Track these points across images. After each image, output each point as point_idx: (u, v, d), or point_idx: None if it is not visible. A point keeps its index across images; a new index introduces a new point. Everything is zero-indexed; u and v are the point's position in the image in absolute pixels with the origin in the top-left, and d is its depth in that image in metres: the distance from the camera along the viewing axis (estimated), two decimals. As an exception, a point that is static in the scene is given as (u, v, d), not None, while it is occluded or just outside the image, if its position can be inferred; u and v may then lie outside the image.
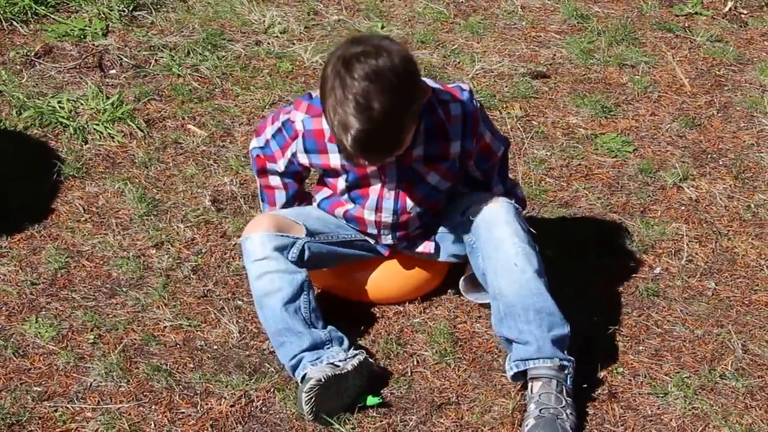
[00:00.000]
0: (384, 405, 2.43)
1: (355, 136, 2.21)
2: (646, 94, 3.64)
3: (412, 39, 3.90)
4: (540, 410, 2.32)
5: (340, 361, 2.40)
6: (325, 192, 2.61)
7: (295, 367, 2.42)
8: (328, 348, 2.43)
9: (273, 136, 2.56)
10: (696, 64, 3.83)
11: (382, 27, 3.96)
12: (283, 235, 2.49)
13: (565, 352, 2.41)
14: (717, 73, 3.78)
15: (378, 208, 2.54)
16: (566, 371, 2.39)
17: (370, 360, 2.47)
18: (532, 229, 2.52)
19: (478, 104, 2.51)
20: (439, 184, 2.52)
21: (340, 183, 2.54)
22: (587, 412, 2.44)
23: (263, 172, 2.64)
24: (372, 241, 2.64)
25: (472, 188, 2.63)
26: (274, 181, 2.64)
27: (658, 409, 2.45)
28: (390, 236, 2.61)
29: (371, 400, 2.41)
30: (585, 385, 2.48)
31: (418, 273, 2.69)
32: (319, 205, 2.64)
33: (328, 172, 2.54)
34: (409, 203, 2.52)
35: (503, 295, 2.42)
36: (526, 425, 2.33)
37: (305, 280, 2.47)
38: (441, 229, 2.62)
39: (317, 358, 2.40)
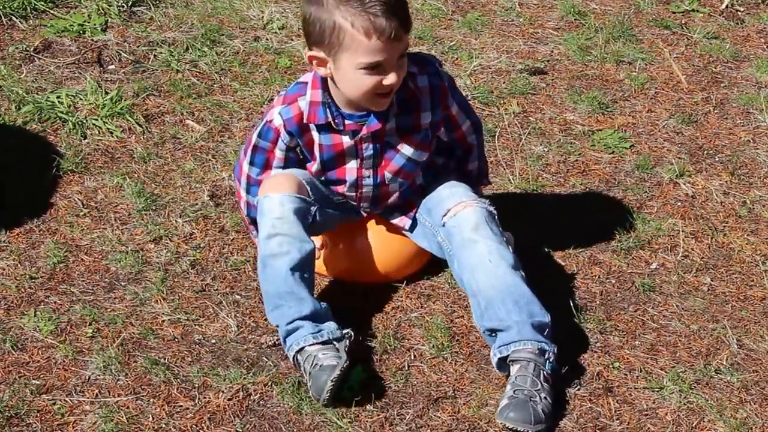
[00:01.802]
0: (381, 399, 2.44)
1: (379, 4, 2.31)
2: (643, 90, 3.65)
3: (411, 35, 3.91)
4: (514, 391, 2.36)
5: (337, 339, 2.43)
6: None
7: (291, 332, 2.45)
8: (324, 322, 2.47)
9: (251, 162, 2.62)
10: (693, 60, 3.84)
11: (381, 23, 3.97)
12: (300, 198, 2.54)
13: (547, 338, 2.45)
14: (714, 70, 3.79)
15: (358, 186, 2.61)
16: (546, 356, 2.42)
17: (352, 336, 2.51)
18: (507, 233, 2.61)
19: (447, 77, 2.58)
20: (415, 155, 2.59)
21: (315, 167, 2.59)
22: (582, 406, 2.45)
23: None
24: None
25: (448, 157, 2.71)
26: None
27: (654, 403, 2.46)
28: (370, 208, 2.69)
29: (359, 375, 2.45)
30: (565, 368, 2.50)
31: (405, 248, 2.73)
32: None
33: (309, 154, 2.59)
34: (388, 175, 2.60)
35: (481, 290, 2.47)
36: (500, 405, 2.37)
37: (312, 250, 2.52)
38: (424, 217, 2.67)
39: (318, 331, 2.44)
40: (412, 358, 2.57)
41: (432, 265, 2.81)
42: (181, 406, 2.41)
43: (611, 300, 2.76)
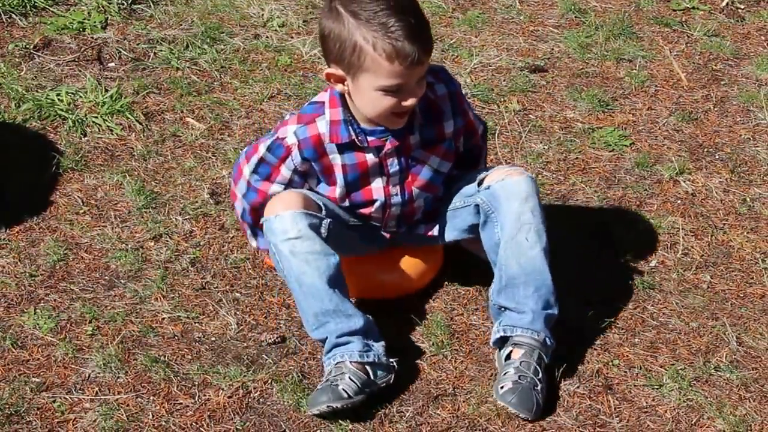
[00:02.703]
0: (381, 396, 2.44)
1: (402, 28, 2.25)
2: (643, 88, 3.65)
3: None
4: (519, 377, 2.37)
5: (380, 366, 2.39)
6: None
7: (339, 345, 2.39)
8: (373, 341, 2.42)
9: (255, 170, 2.52)
10: (693, 58, 3.84)
11: (381, 21, 3.97)
12: (312, 214, 2.44)
13: (552, 333, 2.47)
14: (714, 67, 3.79)
15: (387, 206, 2.54)
16: (547, 348, 2.44)
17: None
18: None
19: (456, 83, 2.55)
20: (441, 166, 2.55)
21: (338, 190, 2.51)
22: (582, 404, 2.45)
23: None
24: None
25: (460, 168, 2.66)
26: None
27: (653, 400, 2.46)
28: (395, 226, 2.63)
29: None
30: (563, 366, 2.49)
31: (415, 266, 2.71)
32: None
33: (327, 179, 2.51)
34: (415, 191, 2.54)
35: (508, 266, 2.46)
36: (501, 387, 2.37)
37: (339, 262, 2.43)
38: (450, 206, 2.62)
39: (367, 350, 2.39)
40: (413, 355, 2.57)
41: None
42: (181, 403, 2.42)
43: (611, 297, 2.76)
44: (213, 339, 2.60)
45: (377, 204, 2.54)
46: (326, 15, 2.33)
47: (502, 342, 2.47)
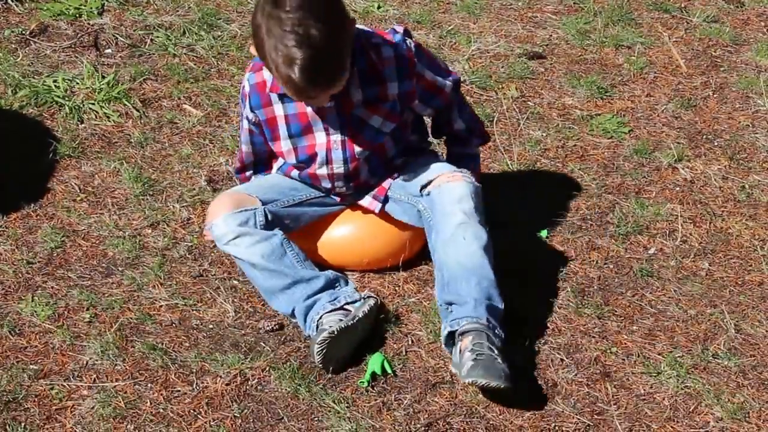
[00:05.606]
0: (379, 384, 2.44)
1: (302, 66, 2.27)
2: (642, 74, 3.64)
3: (409, 19, 3.90)
4: (477, 354, 2.34)
5: (354, 302, 2.47)
6: (280, 161, 2.70)
7: (309, 308, 2.47)
8: (339, 287, 2.50)
9: (241, 126, 2.67)
10: (692, 44, 3.83)
11: (378, 7, 3.96)
12: (241, 211, 2.55)
13: (497, 323, 2.44)
14: (713, 53, 3.78)
15: (328, 161, 2.60)
16: (495, 333, 2.41)
17: (379, 303, 2.52)
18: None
19: (413, 44, 2.55)
20: (383, 126, 2.58)
21: (284, 144, 2.58)
22: (580, 391, 2.46)
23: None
24: (323, 193, 2.70)
25: (421, 134, 2.71)
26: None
27: (651, 388, 2.47)
28: (344, 187, 2.67)
29: (377, 362, 2.45)
30: (564, 358, 2.49)
31: (398, 235, 2.72)
32: (278, 170, 2.72)
33: (272, 134, 2.58)
34: (357, 149, 2.59)
35: (447, 265, 2.48)
36: (465, 368, 2.33)
37: (283, 237, 2.54)
38: (398, 193, 2.66)
39: (335, 298, 2.47)
40: (410, 343, 2.57)
41: (429, 251, 2.80)
42: (179, 390, 2.42)
43: (609, 285, 2.76)
44: (211, 326, 2.59)
45: (319, 158, 2.59)
46: (257, 7, 2.35)
47: (451, 338, 2.45)
